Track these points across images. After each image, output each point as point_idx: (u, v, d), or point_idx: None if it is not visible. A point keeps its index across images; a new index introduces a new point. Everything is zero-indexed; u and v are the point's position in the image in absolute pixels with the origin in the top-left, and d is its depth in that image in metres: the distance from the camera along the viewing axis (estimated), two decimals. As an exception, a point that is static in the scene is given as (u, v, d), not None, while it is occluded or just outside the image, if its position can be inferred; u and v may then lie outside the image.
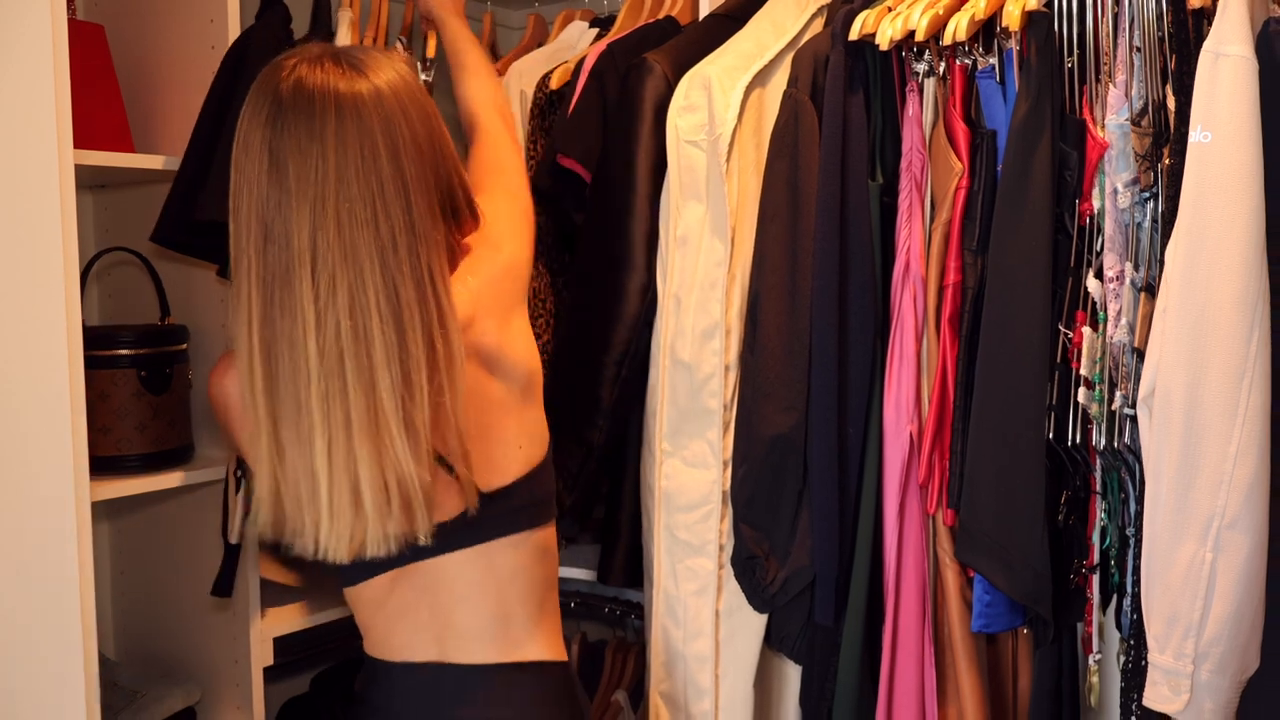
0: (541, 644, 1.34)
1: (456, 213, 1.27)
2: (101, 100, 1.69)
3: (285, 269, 1.13)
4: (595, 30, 2.13)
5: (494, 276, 1.31)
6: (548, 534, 1.36)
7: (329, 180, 1.12)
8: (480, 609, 1.31)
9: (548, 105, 1.96)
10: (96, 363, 1.60)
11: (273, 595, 1.87)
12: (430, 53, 1.99)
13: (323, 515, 1.16)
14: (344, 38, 1.90)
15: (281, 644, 1.83)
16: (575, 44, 2.09)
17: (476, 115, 1.57)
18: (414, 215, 1.17)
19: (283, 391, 1.15)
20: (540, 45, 2.20)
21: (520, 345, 1.33)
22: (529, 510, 1.33)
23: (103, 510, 1.92)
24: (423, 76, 1.95)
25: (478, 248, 1.32)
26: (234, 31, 1.65)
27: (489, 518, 1.29)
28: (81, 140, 1.45)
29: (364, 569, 1.30)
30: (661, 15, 2.00)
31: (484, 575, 1.31)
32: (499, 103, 1.60)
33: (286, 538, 1.20)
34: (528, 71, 2.01)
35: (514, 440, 1.31)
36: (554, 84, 1.94)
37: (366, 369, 1.14)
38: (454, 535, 1.27)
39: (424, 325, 1.16)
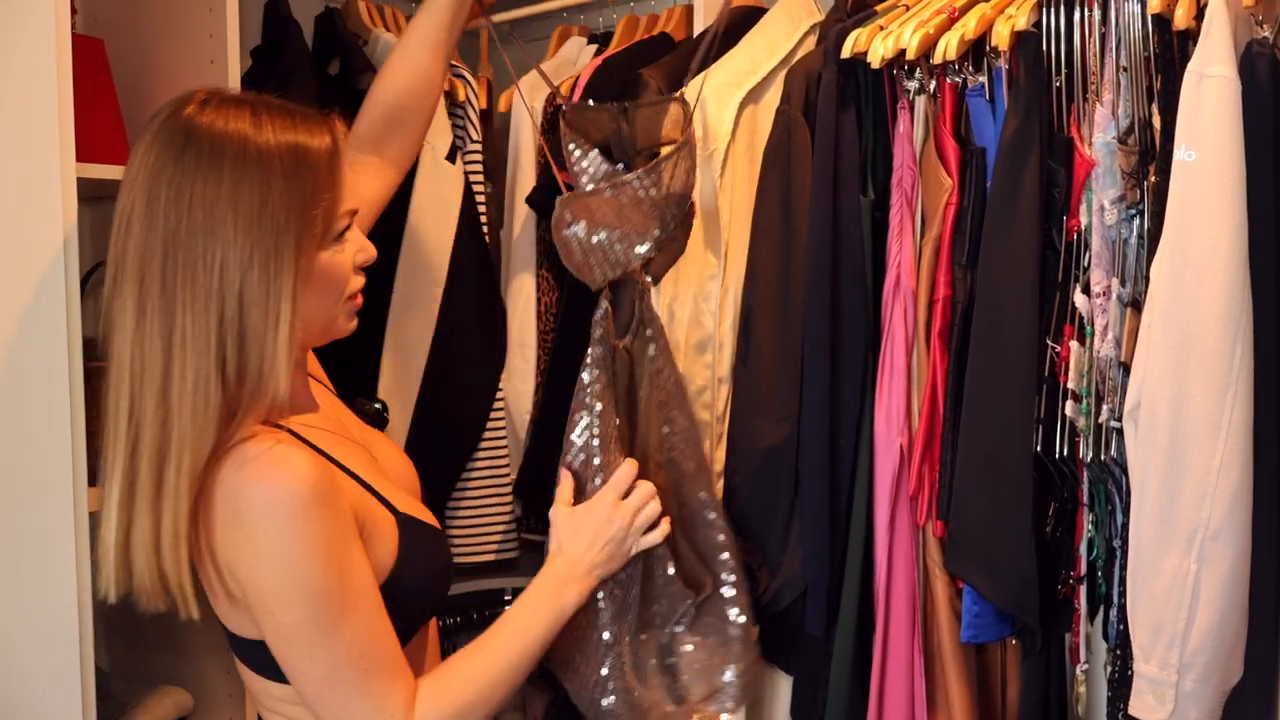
0: None
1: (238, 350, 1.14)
2: (100, 114, 1.70)
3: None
4: (594, 46, 2.15)
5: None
6: (287, 690, 1.22)
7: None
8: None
9: (555, 119, 1.98)
10: (92, 374, 1.60)
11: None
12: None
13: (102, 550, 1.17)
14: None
15: (274, 654, 1.83)
16: (575, 59, 2.11)
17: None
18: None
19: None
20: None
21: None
22: (257, 667, 1.26)
23: (95, 520, 1.93)
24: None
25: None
26: (233, 47, 1.67)
27: (234, 650, 1.29)
28: (81, 153, 1.46)
29: None
30: (656, 32, 2.02)
31: (247, 683, 1.31)
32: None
33: None
34: (534, 87, 2.03)
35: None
36: (564, 90, 1.96)
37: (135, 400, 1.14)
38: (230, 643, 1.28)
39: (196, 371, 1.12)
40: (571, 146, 1.52)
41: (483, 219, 1.98)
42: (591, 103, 1.58)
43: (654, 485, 1.44)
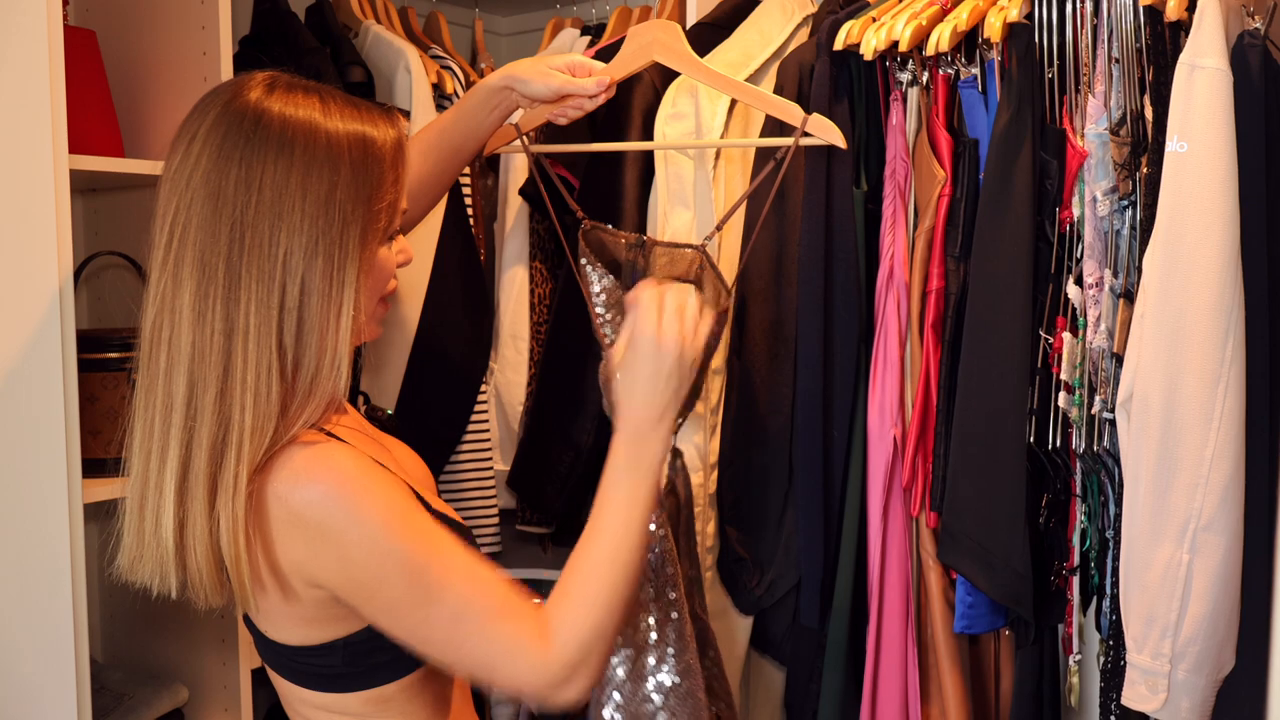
0: None
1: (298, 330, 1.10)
2: (93, 105, 1.69)
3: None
4: (587, 38, 2.14)
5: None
6: (329, 699, 1.21)
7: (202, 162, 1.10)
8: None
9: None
10: (86, 366, 1.60)
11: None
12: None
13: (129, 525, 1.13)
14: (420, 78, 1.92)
15: (270, 646, 1.83)
16: (568, 51, 2.11)
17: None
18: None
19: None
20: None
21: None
22: (298, 676, 1.23)
23: (90, 512, 1.93)
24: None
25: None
26: (225, 37, 1.66)
27: (267, 658, 1.25)
28: (74, 145, 1.46)
29: None
30: (649, 24, 2.02)
31: (280, 689, 1.28)
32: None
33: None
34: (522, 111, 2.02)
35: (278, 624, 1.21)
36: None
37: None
38: (262, 651, 1.25)
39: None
40: (585, 265, 1.58)
41: (469, 213, 1.98)
42: (611, 228, 1.63)
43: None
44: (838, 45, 1.59)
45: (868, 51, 1.55)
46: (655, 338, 1.22)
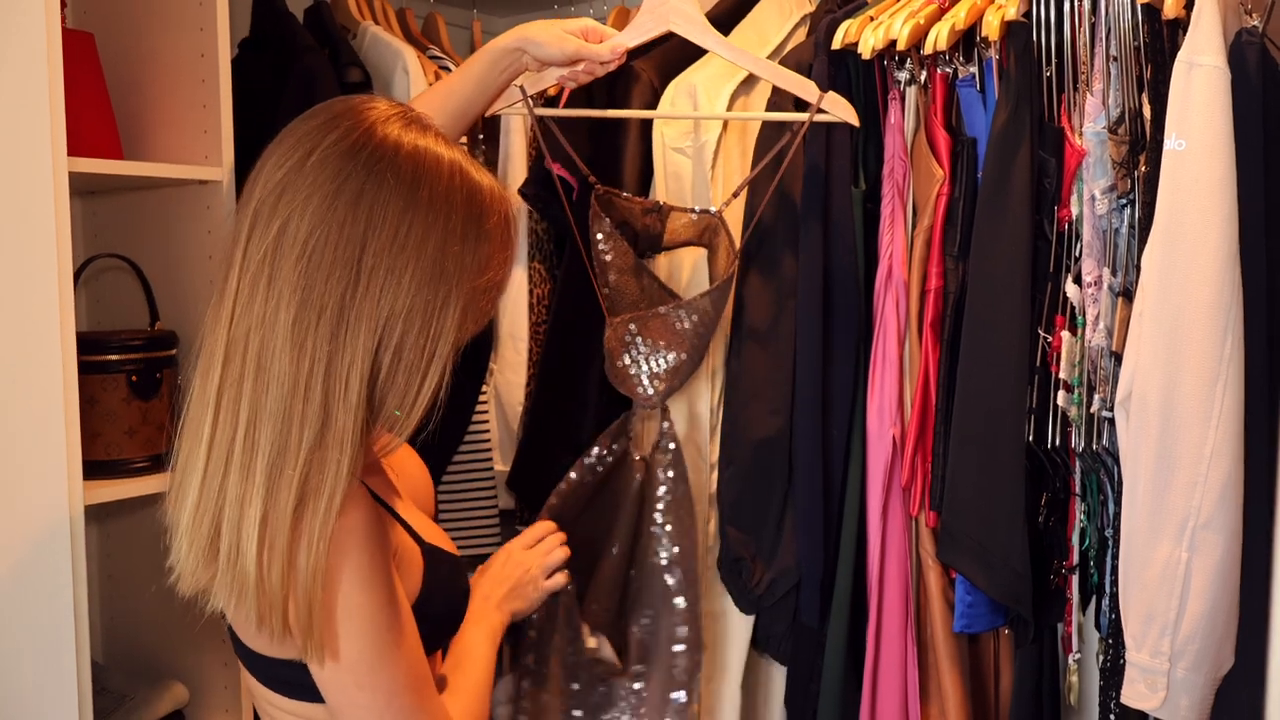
0: None
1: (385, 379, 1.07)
2: (91, 107, 1.69)
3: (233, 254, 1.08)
4: (584, 38, 2.14)
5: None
6: (297, 705, 1.20)
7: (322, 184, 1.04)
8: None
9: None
10: (86, 368, 1.61)
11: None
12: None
13: (182, 534, 1.09)
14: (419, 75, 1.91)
15: (270, 647, 1.83)
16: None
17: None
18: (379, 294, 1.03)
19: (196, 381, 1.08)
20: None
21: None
22: (269, 681, 1.22)
23: (91, 514, 1.93)
24: None
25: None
26: (223, 40, 1.66)
27: (240, 656, 1.24)
28: (72, 147, 1.46)
29: None
30: (647, 23, 2.01)
31: (252, 687, 1.27)
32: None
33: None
34: (531, 79, 2.02)
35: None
36: (551, 90, 1.95)
37: (259, 394, 1.05)
38: (236, 648, 1.24)
39: (321, 407, 1.03)
40: (595, 230, 1.58)
41: None
42: (626, 194, 1.63)
43: (565, 544, 1.51)
44: (835, 44, 1.59)
45: (865, 50, 1.55)
46: (520, 550, 1.48)
